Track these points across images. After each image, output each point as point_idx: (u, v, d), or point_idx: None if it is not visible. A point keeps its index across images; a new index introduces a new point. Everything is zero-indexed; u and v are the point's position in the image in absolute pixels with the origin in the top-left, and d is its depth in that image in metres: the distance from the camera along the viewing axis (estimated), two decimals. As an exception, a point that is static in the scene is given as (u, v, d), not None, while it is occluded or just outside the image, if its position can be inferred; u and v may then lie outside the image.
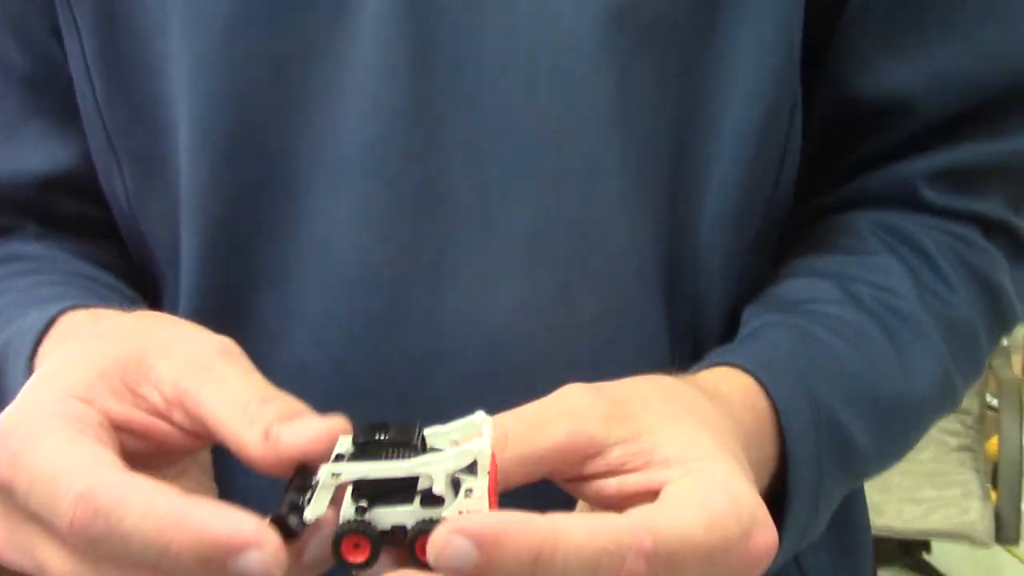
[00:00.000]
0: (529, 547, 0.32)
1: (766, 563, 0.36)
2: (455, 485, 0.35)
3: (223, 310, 0.51)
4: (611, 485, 0.38)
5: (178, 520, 0.33)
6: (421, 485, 0.35)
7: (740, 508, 0.36)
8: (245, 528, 0.33)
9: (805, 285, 0.53)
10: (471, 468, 0.35)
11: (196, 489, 0.42)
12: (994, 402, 2.30)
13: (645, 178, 0.49)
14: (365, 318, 0.49)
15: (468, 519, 0.32)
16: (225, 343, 0.41)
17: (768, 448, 0.45)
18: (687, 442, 0.38)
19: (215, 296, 0.51)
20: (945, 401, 0.53)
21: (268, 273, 0.50)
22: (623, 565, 0.33)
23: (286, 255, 0.49)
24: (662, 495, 0.36)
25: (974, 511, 2.01)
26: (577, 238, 0.48)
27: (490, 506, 0.35)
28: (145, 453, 0.39)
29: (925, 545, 2.48)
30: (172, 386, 0.38)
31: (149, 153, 0.51)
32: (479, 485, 0.35)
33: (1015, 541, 2.01)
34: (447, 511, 0.34)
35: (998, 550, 2.57)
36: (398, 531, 0.35)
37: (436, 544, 0.32)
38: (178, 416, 0.39)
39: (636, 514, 0.34)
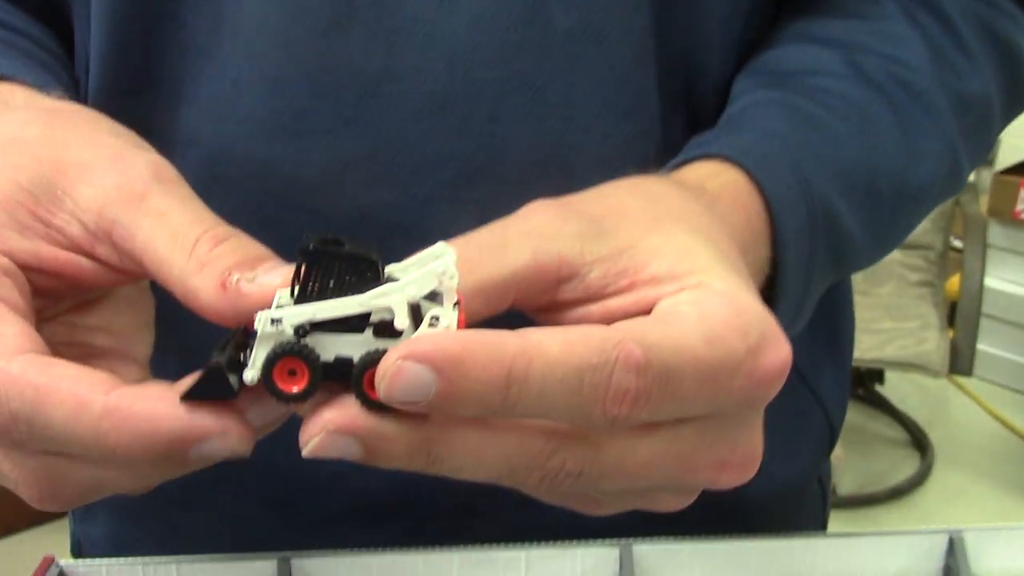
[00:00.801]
0: (498, 367, 0.28)
1: (778, 385, 0.32)
2: (415, 316, 0.30)
3: (144, 20, 0.45)
4: (593, 312, 0.34)
5: (119, 422, 0.29)
6: (375, 317, 0.30)
7: (746, 323, 0.31)
8: (208, 423, 0.30)
9: (806, 53, 0.48)
10: (434, 297, 0.30)
11: (127, 310, 0.37)
12: (957, 243, 2.32)
13: None
14: (306, 28, 0.43)
15: (420, 340, 0.28)
16: (159, 165, 0.35)
17: (762, 251, 0.41)
18: (678, 255, 0.34)
19: (134, 6, 0.45)
20: (949, 185, 0.51)
21: None
22: (610, 381, 0.29)
23: None
24: (654, 311, 0.32)
25: (931, 341, 2.05)
26: None
27: None
28: (61, 289, 0.35)
29: (879, 377, 2.54)
30: (96, 216, 0.33)
31: None
32: (447, 315, 0.30)
33: (968, 372, 2.06)
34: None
35: (946, 384, 2.64)
36: (343, 364, 0.29)
37: (386, 373, 0.28)
38: (103, 251, 0.34)
39: (623, 324, 0.30)
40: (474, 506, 0.50)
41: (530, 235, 0.34)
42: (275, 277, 0.32)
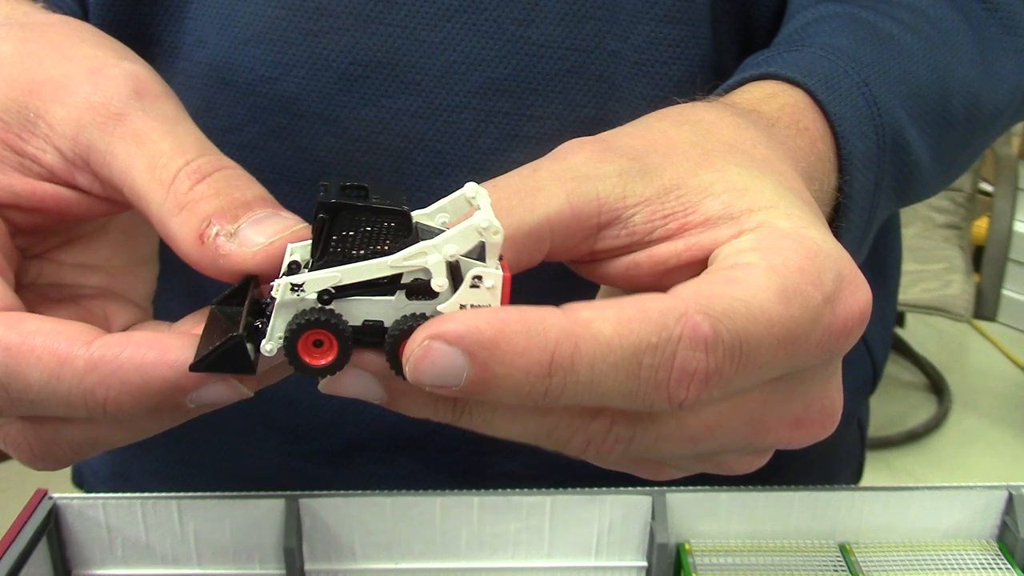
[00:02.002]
0: (539, 353, 0.24)
1: (859, 332, 0.29)
2: (454, 275, 0.26)
3: None
4: (640, 262, 0.30)
5: (106, 376, 0.26)
6: (408, 277, 0.26)
7: (820, 267, 0.27)
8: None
9: None
10: (475, 253, 0.27)
11: (123, 243, 0.34)
12: (984, 187, 2.26)
13: None
14: None
15: (451, 320, 0.24)
16: (140, 77, 0.31)
17: (829, 179, 0.37)
18: (732, 192, 0.29)
19: None
20: None
21: None
22: (674, 361, 0.25)
23: None
24: (713, 263, 0.28)
25: (956, 284, 2.01)
26: None
27: (503, 301, 0.26)
28: (44, 225, 0.31)
29: (899, 320, 2.50)
30: (71, 141, 0.30)
31: None
32: (491, 273, 0.26)
33: (992, 317, 2.02)
34: (444, 305, 0.26)
35: (966, 328, 2.60)
36: (373, 328, 0.26)
37: (411, 355, 0.24)
38: (83, 180, 0.30)
39: (683, 291, 0.26)
40: (495, 440, 0.47)
41: (564, 177, 0.30)
42: (258, 234, 0.28)
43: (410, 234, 0.27)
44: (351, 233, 0.26)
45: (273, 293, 0.26)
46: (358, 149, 0.42)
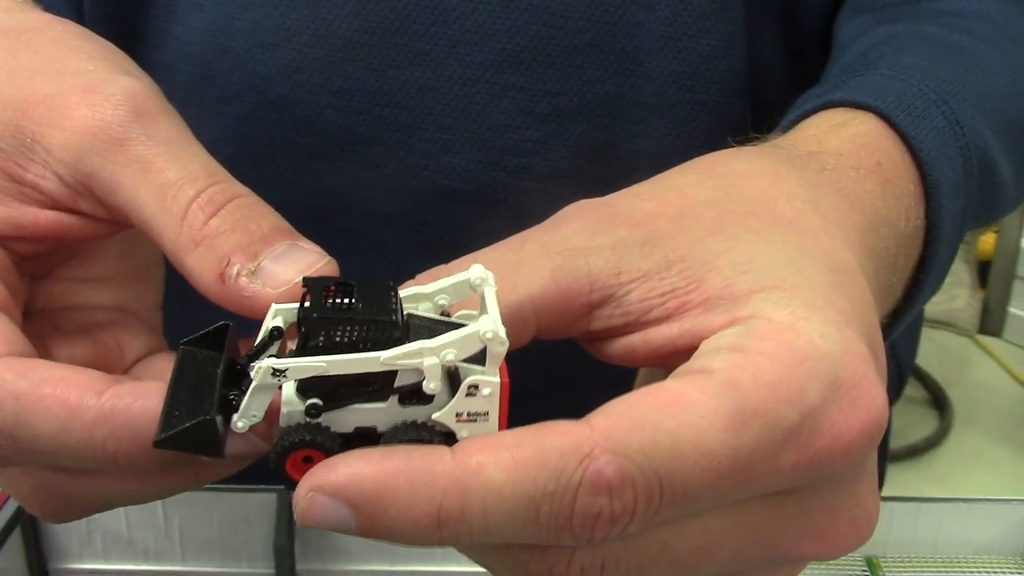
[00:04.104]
0: (426, 505, 0.23)
1: (867, 446, 0.25)
2: (451, 379, 0.25)
3: None
4: (637, 345, 0.27)
5: (117, 428, 0.25)
6: (402, 380, 0.25)
7: (806, 374, 0.24)
8: None
9: None
10: (476, 356, 0.25)
11: (129, 250, 0.32)
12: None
13: None
14: None
15: (333, 468, 0.23)
16: (138, 95, 0.28)
17: (910, 216, 0.33)
18: (737, 266, 0.26)
19: None
20: None
21: None
22: (573, 507, 0.23)
23: None
24: (682, 367, 0.25)
25: (961, 299, 1.99)
26: None
27: (501, 409, 0.25)
28: (50, 249, 0.30)
29: (901, 333, 2.49)
30: (72, 168, 0.28)
31: None
32: (488, 381, 0.24)
33: (998, 333, 2.01)
34: (439, 414, 0.25)
35: (969, 344, 2.59)
36: (365, 435, 0.25)
37: (298, 506, 0.23)
38: (86, 206, 0.28)
39: (600, 419, 0.23)
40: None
41: (553, 251, 0.27)
42: (283, 268, 0.26)
43: (400, 335, 0.25)
44: (337, 338, 0.25)
45: (252, 375, 0.24)
46: (361, 123, 0.40)
